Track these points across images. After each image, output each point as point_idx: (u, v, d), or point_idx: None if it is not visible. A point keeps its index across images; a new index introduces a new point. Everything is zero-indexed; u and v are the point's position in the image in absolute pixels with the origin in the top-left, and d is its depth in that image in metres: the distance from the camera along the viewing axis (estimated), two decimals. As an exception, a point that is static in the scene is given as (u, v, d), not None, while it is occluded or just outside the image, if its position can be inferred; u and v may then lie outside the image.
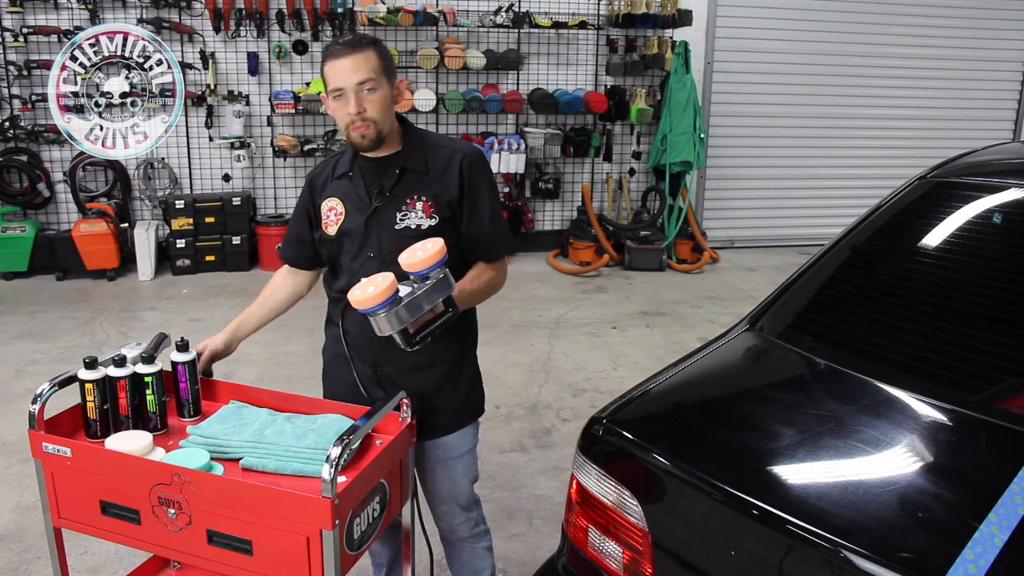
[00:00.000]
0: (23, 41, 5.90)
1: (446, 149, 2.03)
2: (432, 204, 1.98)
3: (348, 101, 1.88)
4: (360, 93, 1.88)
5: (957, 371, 1.68)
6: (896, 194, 2.18)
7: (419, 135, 2.05)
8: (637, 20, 6.57)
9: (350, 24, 6.32)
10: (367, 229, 1.99)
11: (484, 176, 2.05)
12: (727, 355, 1.99)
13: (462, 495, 2.14)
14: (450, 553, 2.25)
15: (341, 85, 1.88)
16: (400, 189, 1.98)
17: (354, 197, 2.02)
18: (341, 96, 1.89)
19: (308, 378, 4.34)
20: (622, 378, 4.40)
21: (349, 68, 1.87)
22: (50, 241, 6.01)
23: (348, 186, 2.04)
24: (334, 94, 1.90)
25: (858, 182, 7.57)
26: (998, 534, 1.22)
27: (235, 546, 1.67)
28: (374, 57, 1.90)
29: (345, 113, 1.90)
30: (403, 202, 1.98)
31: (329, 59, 1.90)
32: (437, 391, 2.05)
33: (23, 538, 2.91)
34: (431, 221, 1.97)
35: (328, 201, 2.06)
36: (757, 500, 1.42)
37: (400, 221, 1.97)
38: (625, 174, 7.24)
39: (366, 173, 2.02)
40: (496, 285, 2.07)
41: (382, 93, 1.91)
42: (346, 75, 1.87)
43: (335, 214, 2.04)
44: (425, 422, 2.03)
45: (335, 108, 1.93)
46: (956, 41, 7.62)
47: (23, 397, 3.98)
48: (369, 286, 1.68)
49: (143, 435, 1.84)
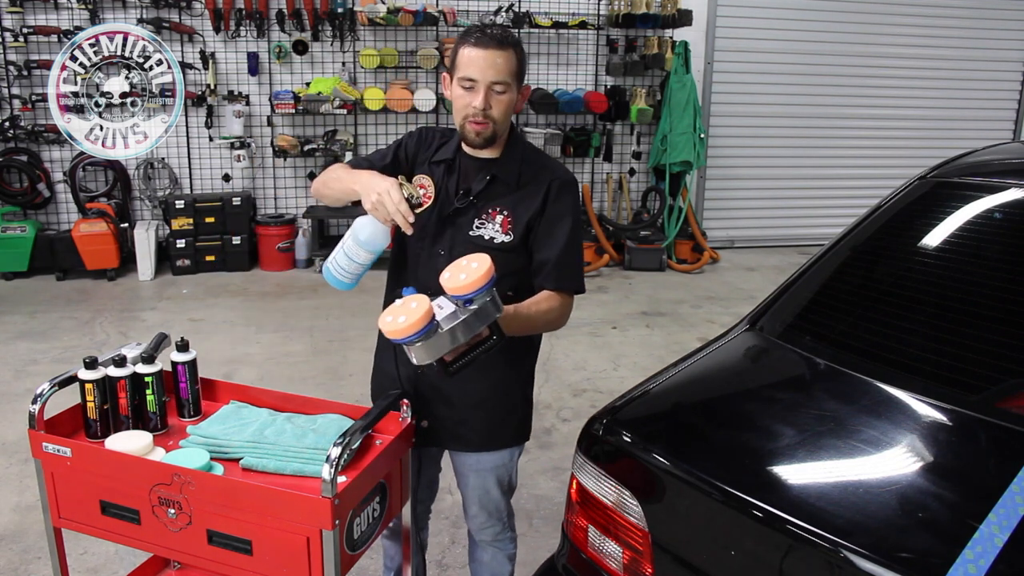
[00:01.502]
0: (23, 41, 5.90)
1: (543, 169, 1.96)
2: (512, 220, 1.91)
3: (477, 94, 1.81)
4: (491, 91, 1.82)
5: (957, 371, 1.68)
6: (896, 194, 2.18)
7: (521, 147, 1.98)
8: (637, 20, 6.57)
9: (350, 24, 6.33)
10: (442, 226, 1.93)
11: (571, 205, 1.95)
12: (727, 355, 1.99)
13: (492, 503, 2.12)
14: (473, 549, 2.26)
15: (475, 77, 1.81)
16: (485, 196, 1.92)
17: (444, 188, 1.95)
18: (472, 88, 1.82)
19: (308, 378, 4.35)
20: (622, 378, 4.40)
21: (487, 63, 1.80)
22: (50, 241, 6.01)
23: (443, 171, 1.96)
24: (465, 83, 1.82)
25: (858, 182, 7.57)
26: (998, 534, 1.22)
27: (235, 546, 1.67)
28: (515, 59, 1.83)
29: (468, 104, 1.83)
30: (484, 211, 1.92)
31: (470, 45, 1.81)
32: (476, 406, 2.00)
33: (23, 538, 2.92)
34: (506, 237, 1.90)
35: (421, 177, 1.97)
36: (757, 500, 1.42)
37: (476, 229, 1.91)
38: (625, 174, 7.24)
39: (463, 170, 1.96)
40: (554, 320, 1.91)
41: (511, 97, 1.85)
42: (484, 69, 1.80)
43: (424, 193, 1.95)
44: (459, 433, 2.02)
45: (459, 96, 1.85)
46: (956, 41, 7.62)
47: (23, 397, 3.98)
48: (400, 315, 1.53)
49: (143, 435, 1.84)
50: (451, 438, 2.05)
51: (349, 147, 6.46)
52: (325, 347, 4.77)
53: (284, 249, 6.45)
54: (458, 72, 1.83)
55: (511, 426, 2.07)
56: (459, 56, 1.84)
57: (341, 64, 6.45)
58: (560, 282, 1.90)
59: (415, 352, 1.55)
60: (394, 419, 1.91)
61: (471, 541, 2.26)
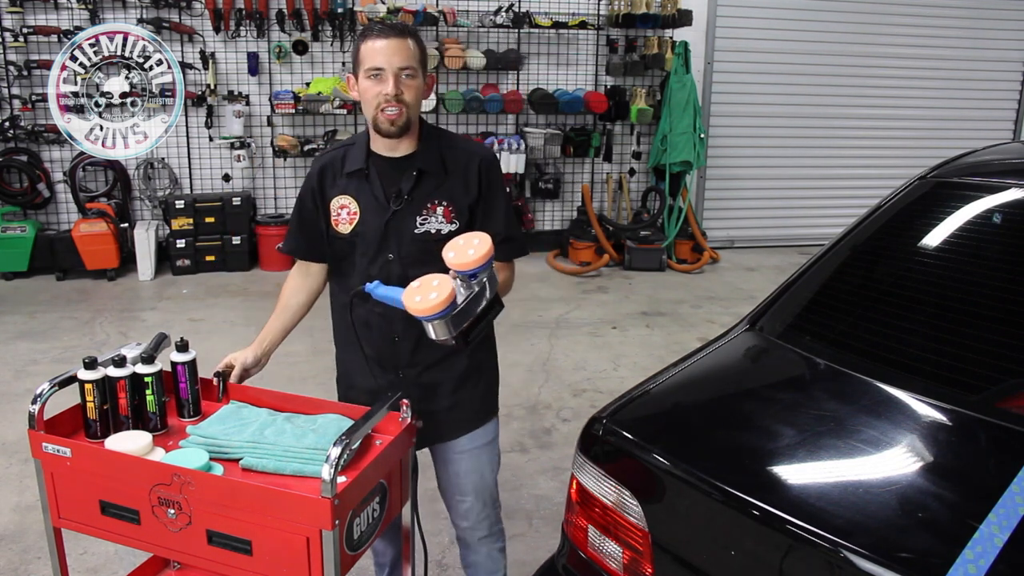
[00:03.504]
0: (23, 41, 5.90)
1: (463, 152, 2.00)
2: (452, 209, 1.95)
3: (386, 81, 1.84)
4: (400, 77, 1.85)
5: (957, 371, 1.68)
6: (896, 194, 2.18)
7: (435, 135, 2.02)
8: (637, 20, 6.57)
9: (350, 24, 6.33)
10: (385, 232, 1.95)
11: (500, 179, 2.04)
12: (727, 355, 1.99)
13: (486, 489, 2.15)
14: (466, 553, 2.25)
15: (381, 65, 1.84)
16: (419, 192, 1.95)
17: (369, 197, 1.97)
18: (379, 76, 1.85)
19: (308, 378, 4.34)
20: (622, 378, 4.40)
21: (392, 50, 1.83)
22: (50, 241, 6.01)
23: (361, 185, 1.98)
24: (371, 73, 1.85)
25: (858, 182, 7.57)
26: (998, 534, 1.22)
27: (235, 546, 1.67)
28: (415, 46, 1.88)
29: (379, 93, 1.85)
30: (423, 206, 1.95)
31: (369, 39, 1.86)
32: (461, 386, 2.06)
33: (23, 538, 2.92)
34: (451, 226, 1.95)
35: (340, 199, 2.00)
36: (757, 500, 1.42)
37: (420, 226, 1.94)
38: (625, 174, 7.24)
39: (381, 173, 1.97)
40: (508, 285, 2.06)
41: (419, 82, 1.88)
42: (388, 56, 1.83)
43: (348, 213, 1.99)
44: (451, 419, 2.05)
45: (368, 88, 1.87)
46: (955, 41, 7.62)
47: (23, 397, 3.98)
48: (430, 292, 1.59)
49: (143, 435, 1.84)
50: (448, 428, 2.07)
51: (349, 147, 6.45)
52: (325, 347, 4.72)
53: (284, 249, 6.44)
54: (363, 65, 1.86)
55: (495, 393, 2.15)
56: (361, 52, 1.87)
57: (341, 64, 6.45)
58: (510, 254, 2.04)
59: (439, 327, 1.62)
60: (394, 419, 1.91)
61: (463, 546, 2.25)
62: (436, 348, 1.87)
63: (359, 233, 1.98)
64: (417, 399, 1.99)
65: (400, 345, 2.01)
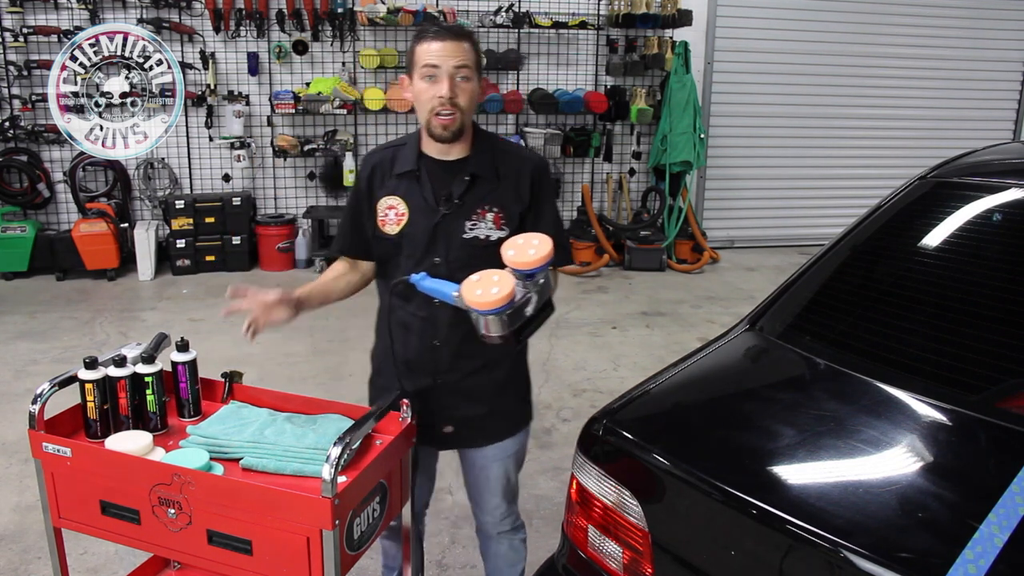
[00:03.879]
0: (23, 41, 5.90)
1: (516, 157, 1.97)
2: (503, 215, 1.92)
3: (441, 82, 1.80)
4: (455, 78, 1.81)
5: (957, 371, 1.68)
6: (896, 194, 2.18)
7: (488, 139, 1.98)
8: (637, 20, 6.57)
9: (350, 24, 6.33)
10: (434, 235, 1.91)
11: (551, 185, 2.03)
12: (727, 355, 1.99)
13: (510, 489, 2.15)
14: (488, 546, 2.25)
15: (438, 63, 1.79)
16: (470, 197, 1.91)
17: (419, 199, 1.92)
18: (434, 76, 1.80)
19: (308, 378, 4.34)
20: (622, 378, 4.40)
21: (449, 51, 1.79)
22: (50, 241, 6.01)
23: (412, 186, 1.93)
24: (426, 73, 1.81)
25: (858, 182, 7.57)
26: (998, 534, 1.22)
27: (235, 546, 1.67)
28: (472, 50, 1.84)
29: (434, 96, 1.81)
30: (473, 211, 1.91)
31: (426, 39, 1.82)
32: (500, 393, 2.04)
33: (23, 538, 2.92)
34: (500, 232, 1.90)
35: (388, 199, 1.95)
36: (757, 500, 1.42)
37: (469, 231, 1.91)
38: (625, 174, 7.24)
39: (432, 175, 1.93)
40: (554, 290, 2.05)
41: (474, 86, 1.85)
42: (444, 56, 1.79)
43: (395, 214, 1.94)
44: (487, 426, 2.03)
45: (423, 90, 1.83)
46: (955, 41, 7.62)
47: (23, 397, 3.98)
48: (492, 287, 1.57)
49: (143, 435, 1.84)
50: (484, 434, 2.05)
51: (349, 147, 6.46)
52: (325, 347, 4.77)
53: (284, 249, 6.45)
54: (418, 65, 1.82)
55: (529, 403, 2.13)
56: (417, 52, 1.83)
57: (341, 64, 6.45)
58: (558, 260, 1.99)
59: (495, 323, 1.59)
60: (394, 419, 1.91)
61: (485, 538, 2.24)
62: (478, 354, 1.90)
63: (406, 234, 1.93)
64: (453, 405, 1.99)
65: (440, 350, 1.97)
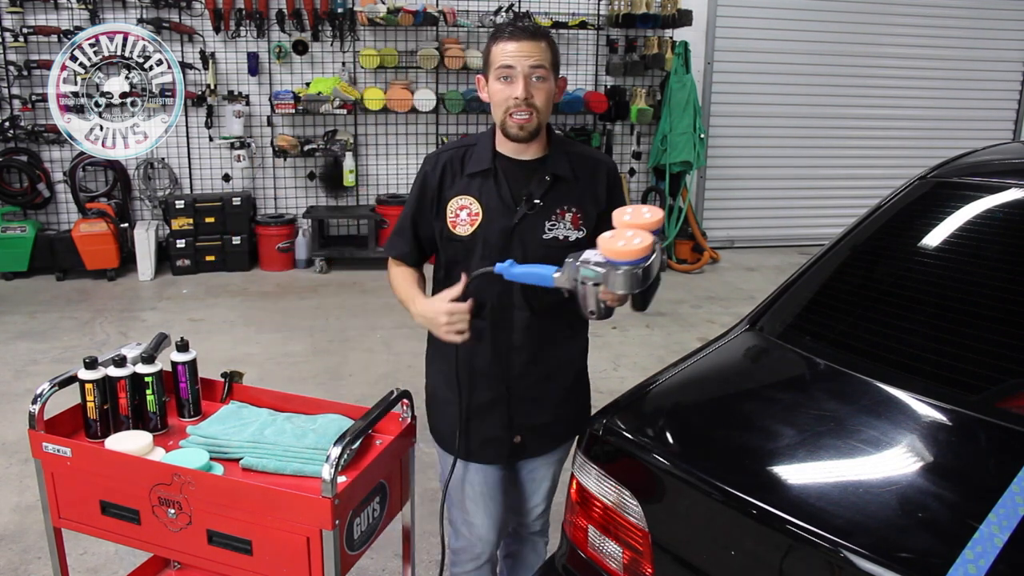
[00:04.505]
0: (23, 41, 5.90)
1: (590, 159, 1.96)
2: (581, 216, 1.89)
3: (516, 83, 1.77)
4: (530, 79, 1.77)
5: (957, 371, 1.68)
6: (896, 194, 2.18)
7: (563, 141, 1.97)
8: (637, 20, 6.57)
9: (350, 24, 6.33)
10: (511, 237, 1.85)
11: (622, 186, 2.03)
12: (727, 355, 1.99)
13: (554, 491, 2.15)
14: (518, 548, 2.25)
15: (513, 64, 1.76)
16: (550, 198, 1.87)
17: (495, 199, 1.86)
18: (510, 77, 1.77)
19: (308, 378, 4.34)
20: (622, 378, 4.39)
21: (524, 51, 1.76)
22: (50, 241, 6.01)
23: (486, 186, 1.87)
24: (502, 73, 1.78)
25: (858, 182, 7.57)
26: (998, 534, 1.22)
27: (235, 546, 1.67)
28: (548, 49, 1.80)
29: (509, 96, 1.78)
30: (553, 212, 1.87)
31: (503, 39, 1.78)
32: (566, 399, 2.03)
33: (23, 538, 2.92)
34: (579, 233, 1.88)
35: (459, 199, 1.88)
36: (757, 500, 1.42)
37: (548, 231, 1.87)
38: (625, 174, 7.23)
39: (508, 175, 1.88)
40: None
41: (550, 86, 1.82)
42: (520, 57, 1.76)
43: (468, 214, 1.87)
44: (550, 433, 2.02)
45: (498, 90, 1.80)
46: (956, 41, 7.62)
47: (23, 397, 3.98)
48: (635, 238, 1.51)
49: (143, 435, 1.84)
50: (545, 443, 2.03)
51: (349, 147, 6.46)
52: (325, 347, 4.76)
53: (284, 249, 6.45)
54: (494, 66, 1.80)
55: (589, 409, 2.09)
56: (493, 52, 1.81)
57: (341, 64, 6.45)
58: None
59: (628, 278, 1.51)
60: (394, 419, 1.91)
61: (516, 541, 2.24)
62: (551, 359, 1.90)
63: (480, 236, 1.86)
64: (524, 413, 1.96)
65: (514, 355, 1.92)
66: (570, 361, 2.02)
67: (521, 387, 1.94)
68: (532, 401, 1.96)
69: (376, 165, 6.76)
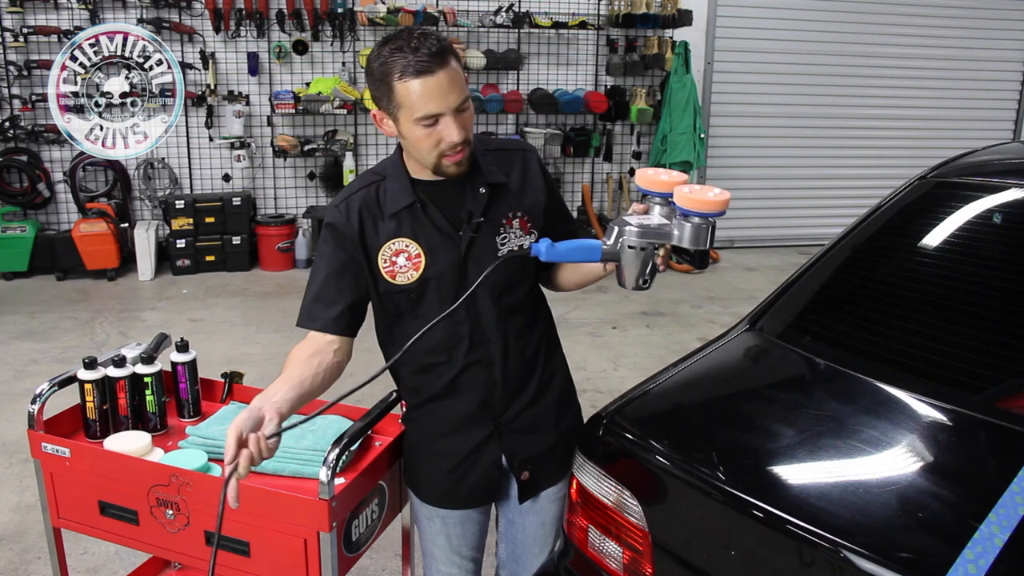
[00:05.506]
0: (23, 41, 5.90)
1: (512, 151, 1.74)
2: (528, 218, 1.69)
3: (450, 128, 1.52)
4: (458, 116, 1.53)
5: (957, 371, 1.68)
6: (896, 194, 2.18)
7: (480, 140, 1.71)
8: (637, 20, 6.56)
9: (350, 24, 6.33)
10: (464, 266, 1.63)
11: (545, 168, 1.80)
12: (727, 355, 1.98)
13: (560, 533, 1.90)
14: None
15: (439, 111, 1.51)
16: (493, 211, 1.66)
17: (433, 234, 1.63)
18: (436, 123, 1.52)
19: (308, 378, 4.34)
20: (622, 378, 4.39)
21: (445, 87, 1.50)
22: (50, 241, 6.01)
23: (416, 222, 1.63)
24: (426, 121, 1.51)
25: (858, 182, 7.57)
26: (998, 534, 1.22)
27: (233, 547, 1.67)
28: (458, 67, 1.55)
29: (441, 141, 1.53)
30: (499, 224, 1.66)
31: (413, 75, 1.48)
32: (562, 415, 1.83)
33: (23, 538, 2.91)
34: (529, 238, 1.69)
35: (392, 244, 1.63)
36: (757, 500, 1.42)
37: (501, 246, 1.66)
38: (625, 174, 7.23)
39: (436, 201, 1.64)
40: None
41: (471, 108, 1.59)
42: (443, 97, 1.50)
43: (407, 258, 1.63)
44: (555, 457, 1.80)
45: (423, 136, 1.53)
46: (956, 41, 7.61)
47: (23, 397, 3.98)
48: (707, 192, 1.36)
49: (142, 436, 1.84)
50: (555, 470, 1.82)
51: (349, 147, 6.46)
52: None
53: (284, 249, 6.45)
54: (412, 113, 1.51)
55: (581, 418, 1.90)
56: (399, 94, 1.51)
57: (341, 64, 6.45)
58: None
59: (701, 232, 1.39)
60: (393, 420, 1.91)
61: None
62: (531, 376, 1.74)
63: (430, 278, 1.63)
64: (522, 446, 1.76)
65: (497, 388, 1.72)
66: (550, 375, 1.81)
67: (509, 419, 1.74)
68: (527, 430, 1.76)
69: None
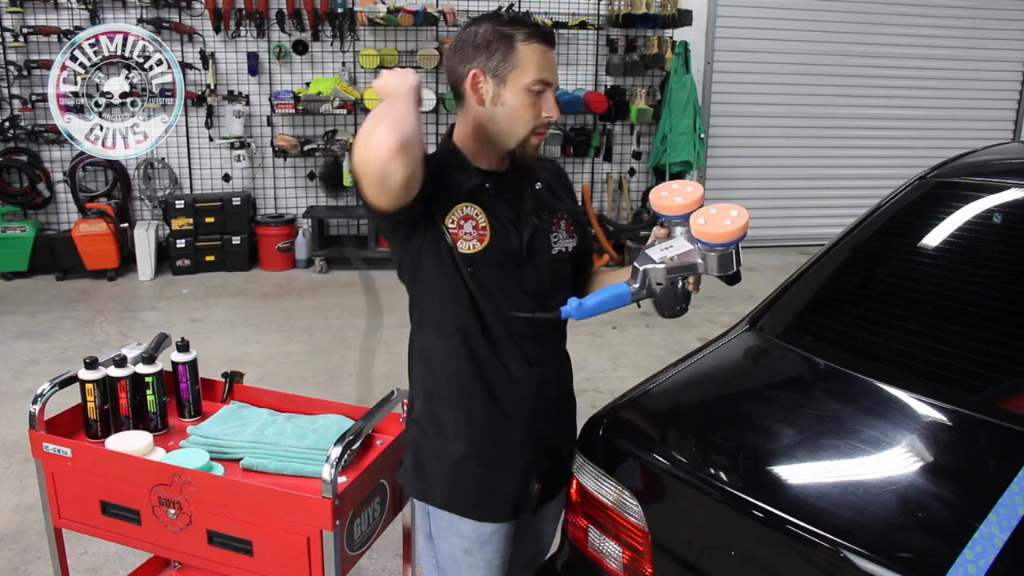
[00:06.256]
0: (23, 41, 5.90)
1: (544, 159, 1.73)
2: (572, 222, 1.68)
3: (551, 104, 1.51)
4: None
5: (957, 371, 1.68)
6: (896, 194, 2.18)
7: None
8: (637, 20, 6.56)
9: (350, 24, 6.33)
10: (524, 255, 1.58)
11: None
12: (727, 355, 1.99)
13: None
14: None
15: (551, 81, 1.51)
16: (547, 208, 1.65)
17: (501, 211, 1.58)
18: (543, 92, 1.51)
19: (308, 378, 4.34)
20: (622, 378, 4.39)
21: (554, 65, 1.52)
22: (50, 241, 6.01)
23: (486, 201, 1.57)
24: (536, 87, 1.49)
25: (858, 182, 7.57)
26: (998, 534, 1.22)
27: (235, 546, 1.67)
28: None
29: (539, 114, 1.51)
30: (551, 222, 1.63)
31: (540, 40, 1.49)
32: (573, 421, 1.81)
33: (23, 538, 2.92)
34: (572, 242, 1.67)
35: (463, 207, 1.54)
36: (757, 500, 1.42)
37: (554, 245, 1.64)
38: (625, 174, 7.24)
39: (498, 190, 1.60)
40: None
41: None
42: (554, 71, 1.51)
43: (475, 227, 1.54)
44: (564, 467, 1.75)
45: (526, 105, 1.50)
46: (956, 41, 7.61)
47: (23, 397, 3.98)
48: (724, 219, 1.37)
49: (143, 435, 1.84)
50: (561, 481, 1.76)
51: (349, 147, 6.46)
52: (325, 347, 4.76)
53: (284, 249, 6.45)
54: (525, 75, 1.48)
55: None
56: (519, 54, 1.47)
57: (341, 64, 6.45)
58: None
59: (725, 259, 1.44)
60: (394, 419, 1.91)
61: None
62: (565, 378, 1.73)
63: (492, 255, 1.55)
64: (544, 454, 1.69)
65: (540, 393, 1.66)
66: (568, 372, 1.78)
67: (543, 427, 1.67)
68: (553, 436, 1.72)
69: (376, 165, 6.75)
